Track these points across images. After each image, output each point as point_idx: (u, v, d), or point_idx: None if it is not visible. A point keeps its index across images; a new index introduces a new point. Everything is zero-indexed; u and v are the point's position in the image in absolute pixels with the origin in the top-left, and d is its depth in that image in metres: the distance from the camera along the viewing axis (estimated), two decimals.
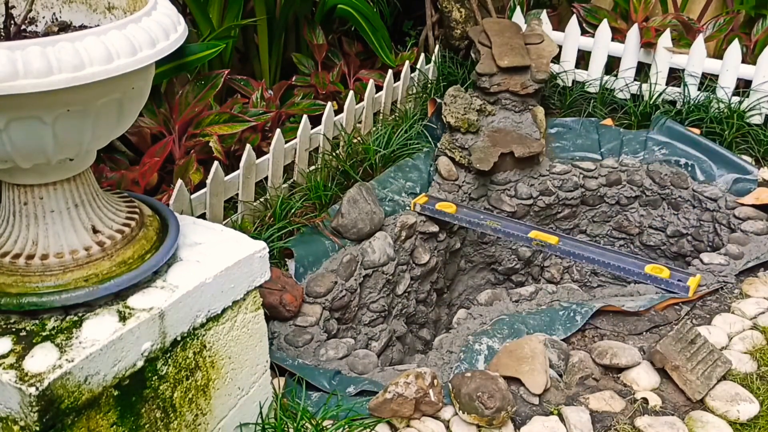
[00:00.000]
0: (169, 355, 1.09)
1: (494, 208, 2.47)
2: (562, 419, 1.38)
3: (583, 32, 2.80)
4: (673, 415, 1.40)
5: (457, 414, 1.36)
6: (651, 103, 2.64)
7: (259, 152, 1.99)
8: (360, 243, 1.98)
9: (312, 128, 2.14)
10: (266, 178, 1.99)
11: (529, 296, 1.76)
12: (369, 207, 1.96)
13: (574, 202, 2.52)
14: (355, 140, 2.28)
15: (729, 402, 1.41)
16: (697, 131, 2.49)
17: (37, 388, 0.90)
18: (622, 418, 1.39)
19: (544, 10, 2.86)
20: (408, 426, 1.35)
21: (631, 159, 2.50)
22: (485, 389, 1.32)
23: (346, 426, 1.33)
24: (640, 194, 2.50)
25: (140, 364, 1.04)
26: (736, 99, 2.56)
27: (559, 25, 2.95)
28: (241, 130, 1.96)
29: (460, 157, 2.37)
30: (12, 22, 1.03)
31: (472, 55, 2.70)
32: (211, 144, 1.88)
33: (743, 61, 2.57)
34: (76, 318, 1.02)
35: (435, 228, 2.25)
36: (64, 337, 0.98)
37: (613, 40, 2.73)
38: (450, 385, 1.38)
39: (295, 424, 1.33)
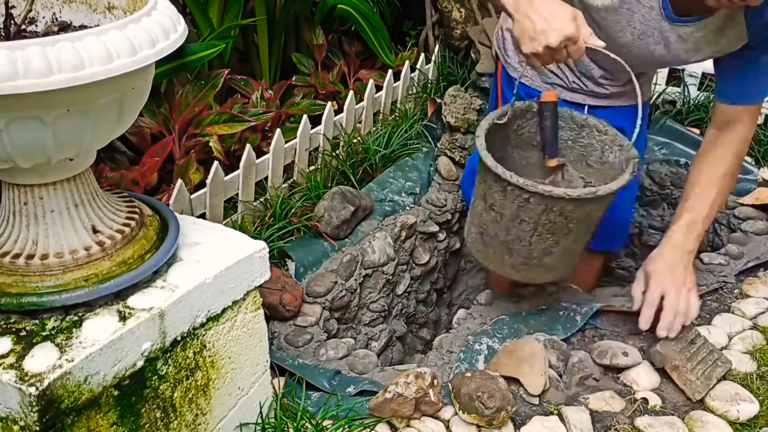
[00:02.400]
0: (169, 355, 1.09)
1: None
2: (562, 419, 1.38)
3: None
4: (673, 414, 1.40)
5: (457, 414, 1.36)
6: (651, 103, 2.64)
7: (259, 152, 1.99)
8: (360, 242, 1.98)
9: (312, 128, 2.14)
10: (266, 178, 1.99)
11: (529, 296, 1.76)
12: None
13: None
14: (355, 140, 2.28)
15: (729, 402, 1.41)
16: (697, 131, 2.49)
17: (37, 388, 0.90)
18: (622, 417, 1.39)
19: None
20: (408, 426, 1.35)
21: None
22: (485, 389, 1.32)
23: (346, 426, 1.33)
24: (639, 194, 2.50)
25: (140, 364, 1.04)
26: None
27: None
28: (241, 130, 1.96)
29: (460, 157, 2.37)
30: (12, 22, 1.03)
31: (472, 55, 2.70)
32: (211, 144, 1.88)
33: None
34: (76, 318, 1.02)
35: (435, 228, 2.25)
36: (64, 337, 0.98)
37: None
38: (450, 385, 1.38)
39: (295, 424, 1.33)
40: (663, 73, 2.71)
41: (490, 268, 1.64)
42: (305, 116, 2.11)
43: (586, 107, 1.85)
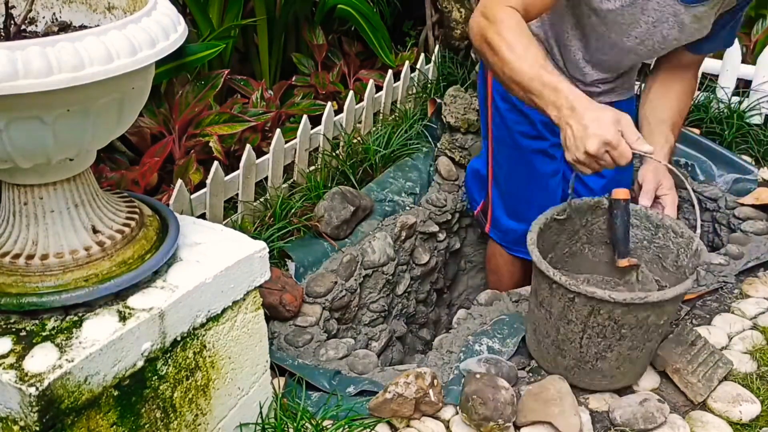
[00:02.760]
0: (169, 355, 1.09)
1: None
2: None
3: None
4: (673, 414, 1.39)
5: (458, 413, 1.36)
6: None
7: (259, 152, 1.99)
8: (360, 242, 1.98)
9: (312, 128, 2.14)
10: (266, 178, 1.99)
11: (529, 296, 1.76)
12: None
13: None
14: (355, 140, 2.28)
15: (730, 403, 1.41)
16: (697, 131, 2.49)
17: (37, 388, 0.90)
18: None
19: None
20: (408, 426, 1.35)
21: None
22: (481, 395, 1.30)
23: (346, 426, 1.33)
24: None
25: (140, 364, 1.04)
26: (736, 99, 2.56)
27: None
28: (241, 130, 1.96)
29: (460, 157, 2.37)
30: (12, 22, 1.03)
31: (472, 55, 2.70)
32: (211, 144, 1.88)
33: (743, 61, 2.57)
34: (76, 318, 1.02)
35: (435, 228, 2.25)
36: (64, 337, 0.98)
37: None
38: (463, 380, 1.38)
39: (295, 424, 1.33)
40: None
41: (545, 368, 1.52)
42: (305, 116, 2.11)
43: None
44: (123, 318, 1.02)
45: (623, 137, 1.28)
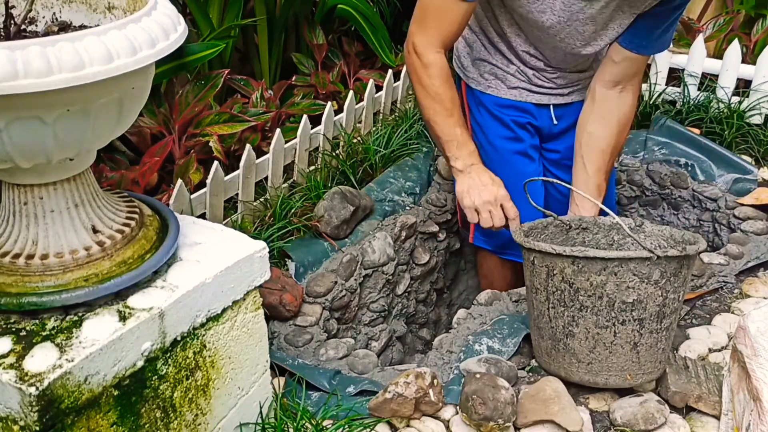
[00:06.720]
0: (169, 355, 1.09)
1: None
2: None
3: None
4: (673, 414, 1.39)
5: (458, 413, 1.36)
6: (651, 103, 2.64)
7: (259, 152, 1.99)
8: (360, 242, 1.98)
9: (312, 128, 2.14)
10: (266, 178, 1.99)
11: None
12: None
13: None
14: (355, 140, 2.28)
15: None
16: (697, 131, 2.49)
17: (37, 388, 0.90)
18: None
19: None
20: (408, 426, 1.35)
21: (630, 159, 2.50)
22: (481, 394, 1.30)
23: (346, 426, 1.33)
24: (639, 194, 2.51)
25: (140, 364, 1.04)
26: (736, 99, 2.56)
27: None
28: (241, 130, 1.96)
29: None
30: (12, 22, 1.03)
31: None
32: (211, 144, 1.88)
33: (743, 61, 2.57)
34: (76, 318, 1.02)
35: (435, 228, 2.25)
36: (64, 337, 0.98)
37: None
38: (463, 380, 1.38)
39: (295, 424, 1.33)
40: (663, 73, 2.71)
41: (539, 361, 1.51)
42: (305, 116, 2.11)
43: (552, 107, 1.91)
44: (123, 318, 1.02)
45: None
